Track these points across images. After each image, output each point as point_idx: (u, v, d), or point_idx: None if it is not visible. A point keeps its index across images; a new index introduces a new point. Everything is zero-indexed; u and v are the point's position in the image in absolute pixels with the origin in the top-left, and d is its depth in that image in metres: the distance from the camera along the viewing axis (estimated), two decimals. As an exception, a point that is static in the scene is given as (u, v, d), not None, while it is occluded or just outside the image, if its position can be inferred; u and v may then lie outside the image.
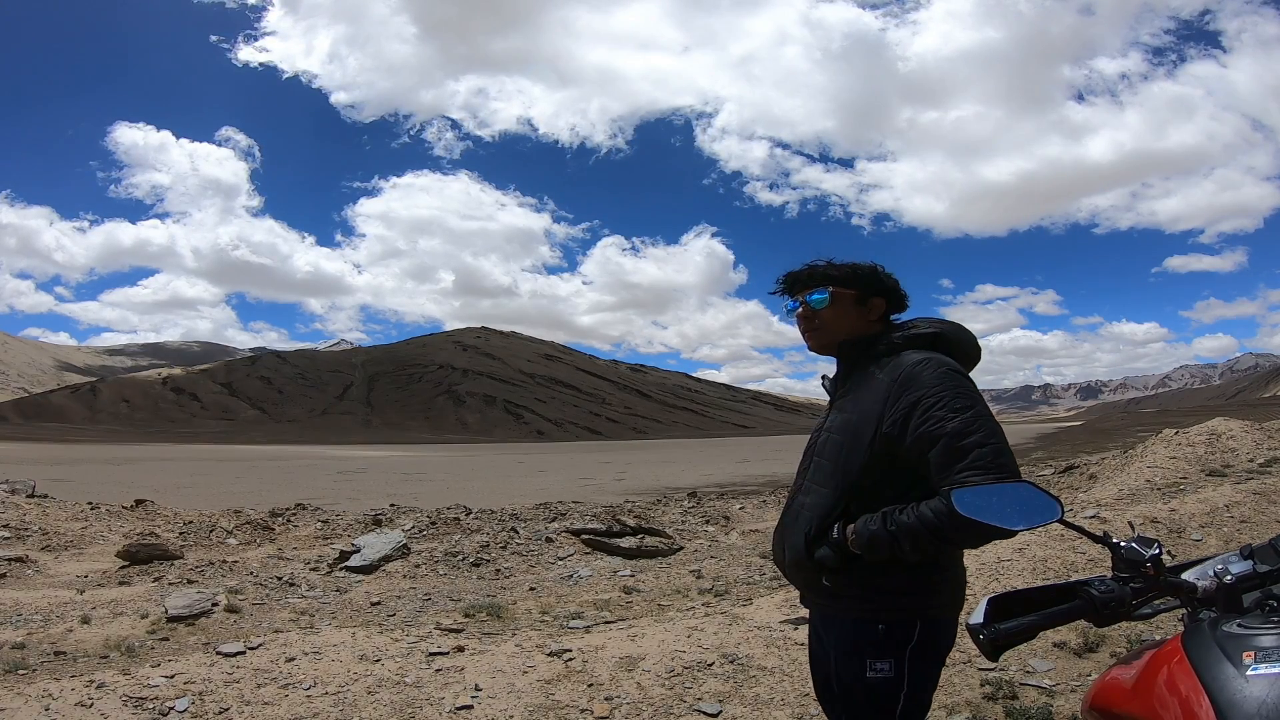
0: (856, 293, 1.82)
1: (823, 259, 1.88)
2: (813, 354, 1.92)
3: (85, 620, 5.20)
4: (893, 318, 1.88)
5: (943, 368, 1.64)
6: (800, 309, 1.87)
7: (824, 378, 1.95)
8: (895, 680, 1.63)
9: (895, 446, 1.63)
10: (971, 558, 5.19)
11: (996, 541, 5.35)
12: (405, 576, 7.35)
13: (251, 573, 7.21)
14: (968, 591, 1.82)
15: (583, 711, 3.46)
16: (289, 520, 11.37)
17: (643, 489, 25.35)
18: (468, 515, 11.14)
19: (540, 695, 3.61)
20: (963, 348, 1.81)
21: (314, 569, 7.54)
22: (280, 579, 6.98)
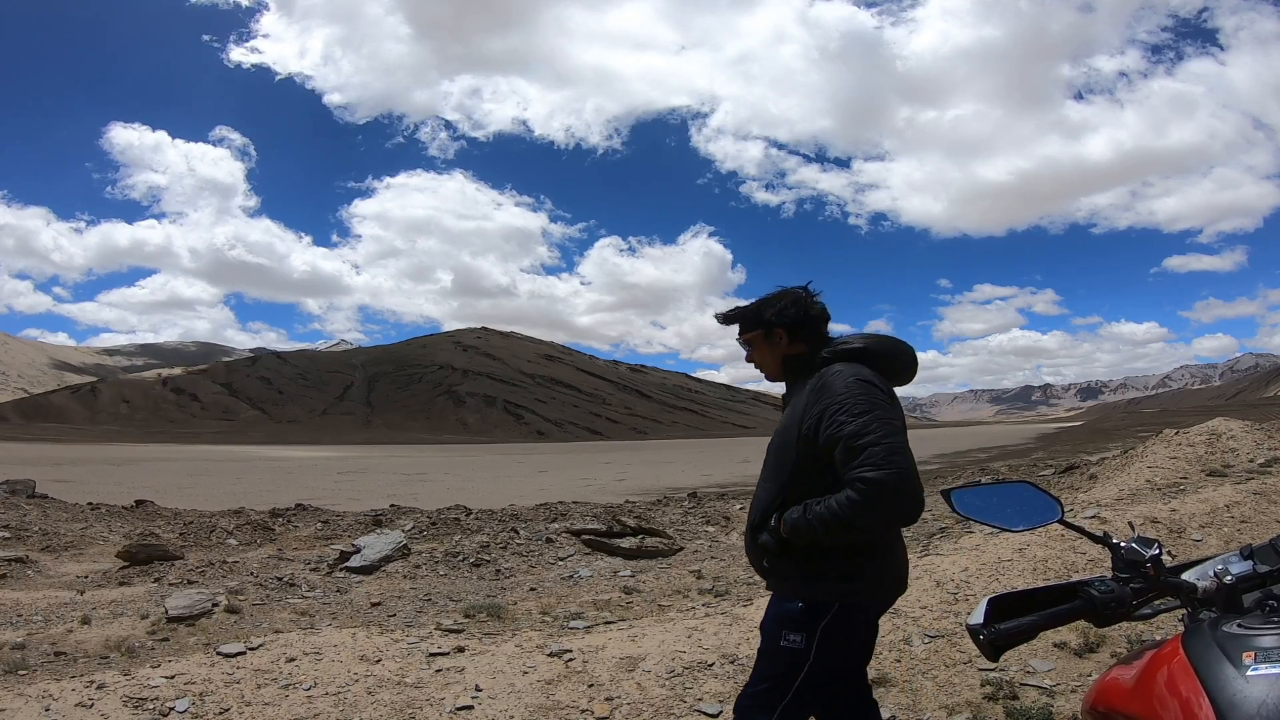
0: (762, 332, 2.11)
1: (748, 303, 2.16)
2: None
3: (85, 621, 5.19)
4: (832, 332, 2.11)
5: (852, 377, 1.88)
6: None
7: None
8: (804, 651, 1.87)
9: (813, 447, 1.87)
10: (971, 558, 5.19)
11: (996, 542, 5.35)
12: (405, 577, 7.35)
13: (252, 573, 7.21)
14: (968, 591, 1.88)
15: (583, 712, 3.46)
16: (289, 521, 11.37)
17: (643, 489, 25.34)
18: (468, 516, 11.14)
19: (540, 695, 3.61)
20: (891, 360, 2.03)
21: (314, 569, 7.54)
22: (280, 579, 6.97)
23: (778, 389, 2.17)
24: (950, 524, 7.72)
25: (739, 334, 2.15)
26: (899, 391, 2.04)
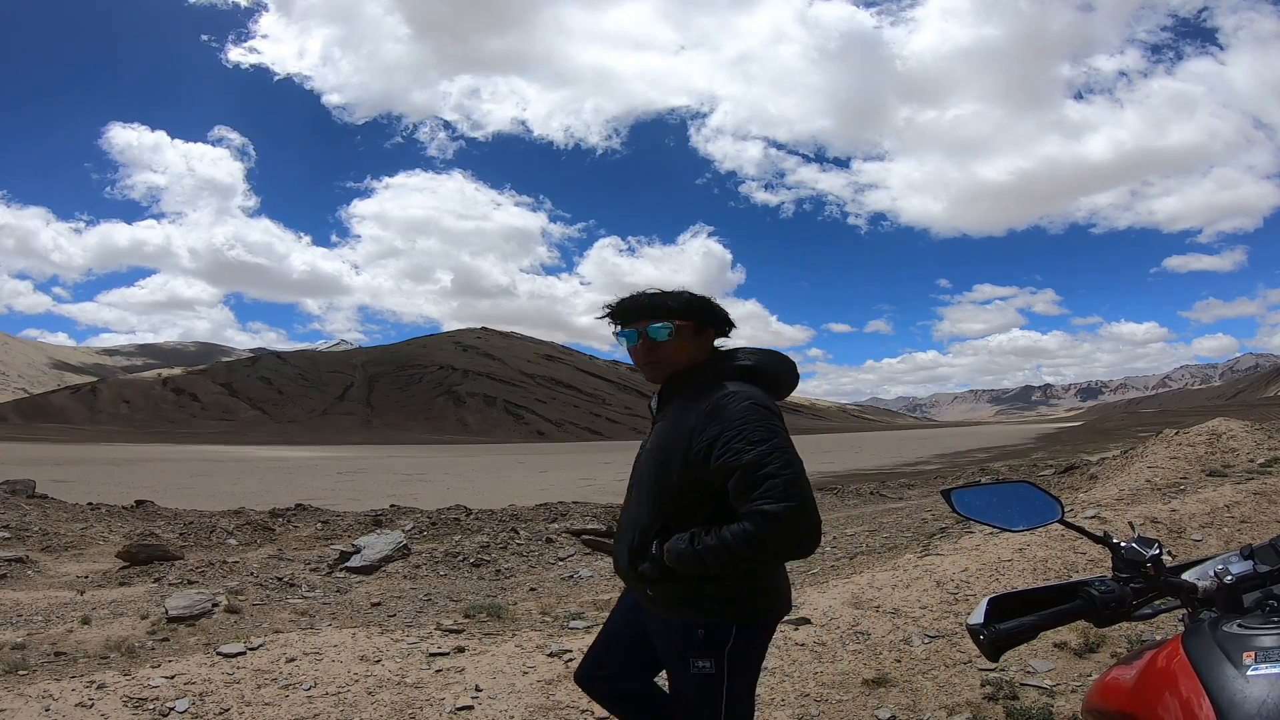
0: (694, 324, 1.92)
1: (654, 288, 1.95)
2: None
3: (85, 621, 5.19)
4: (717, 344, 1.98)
5: (747, 401, 1.77)
6: (640, 341, 1.92)
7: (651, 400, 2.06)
8: (717, 676, 1.81)
9: (701, 473, 1.77)
10: (971, 558, 5.19)
11: (996, 542, 5.35)
12: (405, 577, 7.35)
13: (252, 573, 7.21)
14: (968, 592, 1.86)
15: (583, 712, 3.46)
16: (289, 521, 11.37)
17: (643, 489, 25.28)
18: (468, 516, 11.14)
19: (540, 696, 3.61)
20: (777, 378, 1.94)
21: (314, 569, 7.54)
22: (280, 579, 6.97)
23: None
24: (950, 524, 7.72)
25: (662, 318, 1.89)
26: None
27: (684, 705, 1.89)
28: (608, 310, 1.99)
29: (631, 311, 1.93)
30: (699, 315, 1.92)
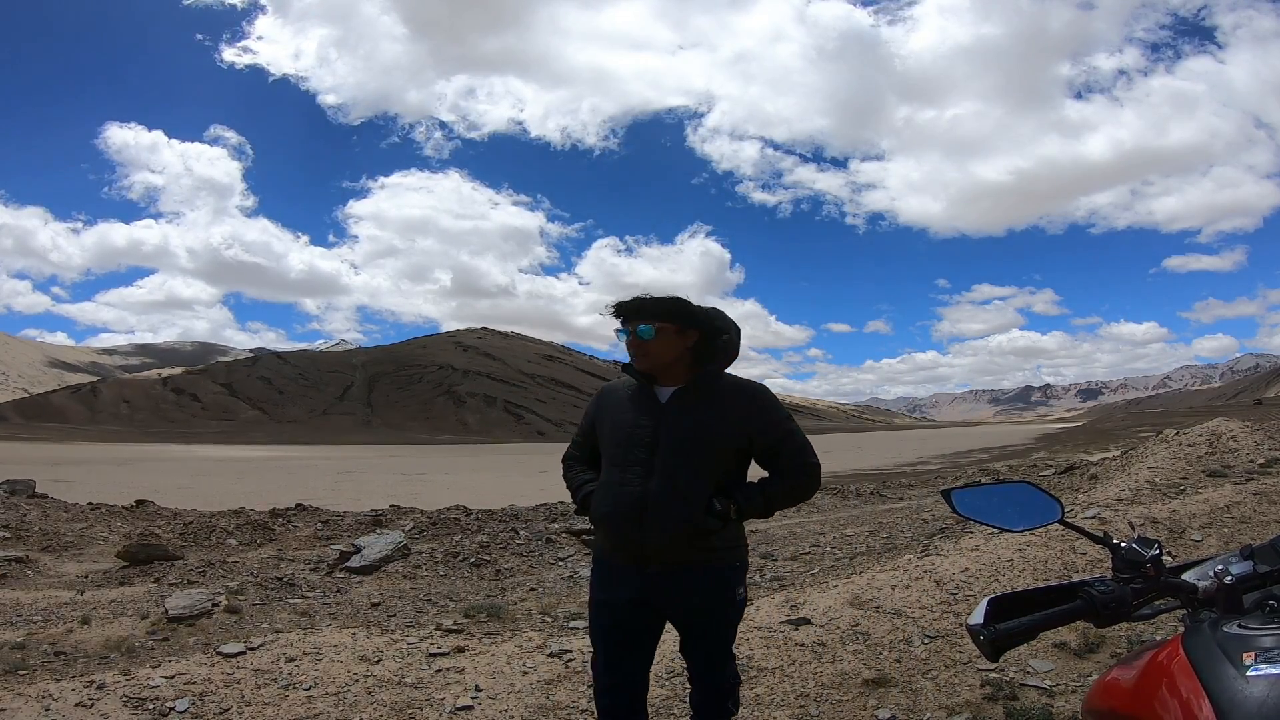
0: (677, 326, 2.33)
1: (649, 294, 2.35)
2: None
3: (85, 621, 5.19)
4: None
5: (767, 389, 2.38)
6: (629, 338, 2.33)
7: (634, 376, 2.37)
8: (745, 599, 2.39)
9: (754, 444, 2.31)
10: (971, 558, 5.19)
11: (996, 542, 5.35)
12: (405, 577, 7.34)
13: (252, 573, 7.20)
14: (968, 592, 1.88)
15: (583, 712, 3.46)
16: (289, 521, 11.36)
17: (643, 489, 25.23)
18: (468, 516, 11.13)
19: (540, 696, 3.61)
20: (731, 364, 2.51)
21: (314, 569, 7.53)
22: (280, 579, 6.97)
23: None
24: (950, 524, 7.71)
25: (645, 320, 2.30)
26: None
27: (721, 631, 2.36)
28: (609, 308, 2.38)
29: (627, 313, 2.34)
30: (677, 319, 2.32)
